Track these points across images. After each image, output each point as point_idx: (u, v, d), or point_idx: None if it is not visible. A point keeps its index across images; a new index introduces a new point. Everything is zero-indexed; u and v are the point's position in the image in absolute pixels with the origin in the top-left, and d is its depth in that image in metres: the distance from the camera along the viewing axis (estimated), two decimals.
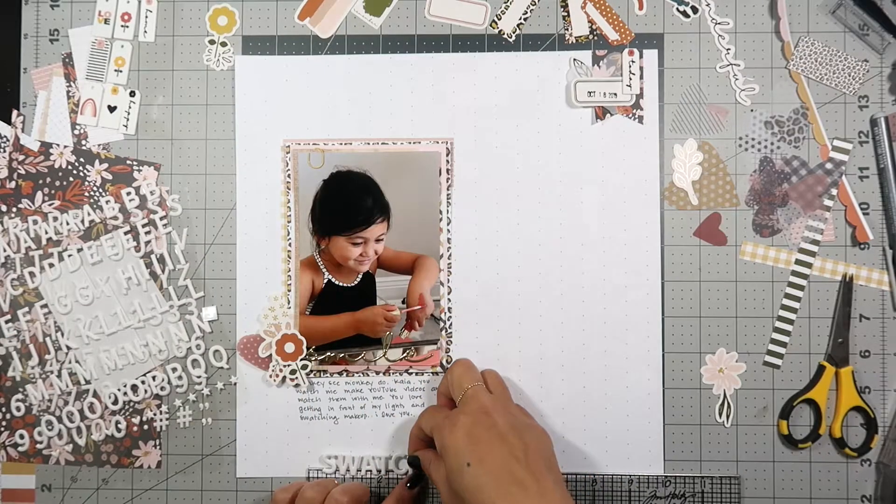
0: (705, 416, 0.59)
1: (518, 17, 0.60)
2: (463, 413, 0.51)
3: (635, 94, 0.60)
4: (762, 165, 0.60)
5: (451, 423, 0.50)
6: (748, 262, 0.60)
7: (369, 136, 0.60)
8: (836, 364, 0.59)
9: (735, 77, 0.60)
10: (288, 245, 0.60)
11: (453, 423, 0.50)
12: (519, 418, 0.51)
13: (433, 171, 0.60)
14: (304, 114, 0.60)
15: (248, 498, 0.60)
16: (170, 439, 0.60)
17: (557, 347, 0.60)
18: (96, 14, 0.61)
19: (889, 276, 0.59)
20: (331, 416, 0.60)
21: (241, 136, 0.60)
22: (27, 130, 0.61)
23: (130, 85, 0.61)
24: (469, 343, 0.60)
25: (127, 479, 0.60)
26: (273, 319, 0.60)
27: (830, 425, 0.59)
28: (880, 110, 0.60)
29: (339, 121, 0.60)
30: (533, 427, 0.52)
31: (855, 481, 0.59)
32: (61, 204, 0.60)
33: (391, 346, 0.60)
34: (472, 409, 0.51)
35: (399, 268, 0.60)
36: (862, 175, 0.60)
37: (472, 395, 0.53)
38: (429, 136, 0.60)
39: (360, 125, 0.60)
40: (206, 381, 0.60)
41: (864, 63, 0.59)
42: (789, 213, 0.60)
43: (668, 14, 0.60)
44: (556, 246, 0.60)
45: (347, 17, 0.61)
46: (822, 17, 0.60)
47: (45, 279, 0.60)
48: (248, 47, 0.61)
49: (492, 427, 0.49)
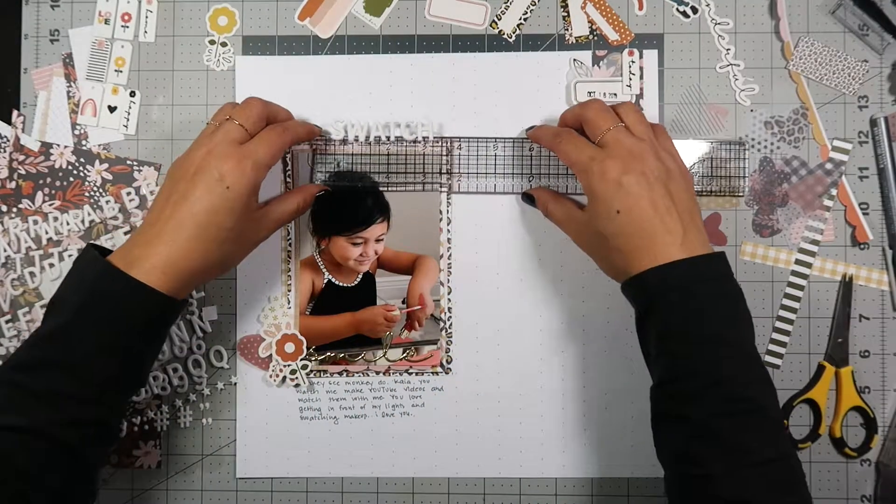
0: None
1: (518, 17, 0.60)
2: (610, 158, 0.49)
3: (635, 94, 0.60)
4: (762, 165, 0.60)
5: (600, 170, 0.49)
6: (748, 262, 0.60)
7: (369, 135, 0.60)
8: (835, 364, 0.59)
9: (735, 77, 0.60)
10: (288, 245, 0.60)
11: (603, 170, 0.49)
12: (665, 164, 0.50)
13: (433, 171, 0.60)
14: (304, 114, 0.60)
15: (248, 498, 0.60)
16: (170, 439, 0.60)
17: (558, 348, 0.60)
18: (96, 14, 0.61)
19: (889, 276, 0.59)
20: (331, 416, 0.60)
21: None
22: (27, 130, 0.61)
23: (131, 85, 0.61)
24: (469, 343, 0.60)
25: (127, 479, 0.60)
26: (273, 319, 0.60)
27: (830, 425, 0.59)
28: (880, 110, 0.60)
29: (339, 121, 0.60)
30: (678, 173, 0.51)
31: (855, 481, 0.59)
32: (62, 204, 0.60)
33: (391, 346, 0.60)
34: (619, 153, 0.50)
35: (399, 268, 0.60)
36: (862, 175, 0.60)
37: (615, 138, 0.51)
38: (429, 135, 0.60)
39: (361, 125, 0.60)
40: (207, 381, 0.60)
41: (864, 63, 0.59)
42: (789, 213, 0.60)
43: (668, 14, 0.60)
44: (556, 246, 0.60)
45: (347, 18, 0.61)
46: (822, 17, 0.60)
47: (46, 279, 0.60)
48: (248, 47, 0.61)
49: (641, 175, 0.48)
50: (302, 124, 0.56)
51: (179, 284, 0.48)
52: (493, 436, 0.60)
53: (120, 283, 0.47)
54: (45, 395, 0.45)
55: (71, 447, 0.46)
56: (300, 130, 0.55)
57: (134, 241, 0.49)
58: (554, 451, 0.60)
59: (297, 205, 0.55)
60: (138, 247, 0.48)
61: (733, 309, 0.47)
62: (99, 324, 0.47)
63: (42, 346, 0.47)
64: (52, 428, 0.45)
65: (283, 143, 0.52)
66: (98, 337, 0.46)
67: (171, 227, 0.48)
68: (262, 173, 0.50)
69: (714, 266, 0.47)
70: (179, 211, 0.48)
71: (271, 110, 0.54)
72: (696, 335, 0.46)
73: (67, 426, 0.46)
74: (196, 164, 0.49)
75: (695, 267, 0.47)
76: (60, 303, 0.48)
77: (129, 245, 0.49)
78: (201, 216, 0.48)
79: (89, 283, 0.47)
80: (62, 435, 0.46)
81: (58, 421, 0.45)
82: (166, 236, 0.48)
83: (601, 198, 0.49)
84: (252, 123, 0.51)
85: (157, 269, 0.47)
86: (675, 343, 0.47)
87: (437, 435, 0.60)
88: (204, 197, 0.48)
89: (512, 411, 0.60)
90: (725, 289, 0.48)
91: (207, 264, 0.49)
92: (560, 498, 0.60)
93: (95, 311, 0.47)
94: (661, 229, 0.47)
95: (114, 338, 0.47)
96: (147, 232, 0.49)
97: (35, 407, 0.45)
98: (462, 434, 0.60)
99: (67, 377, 0.46)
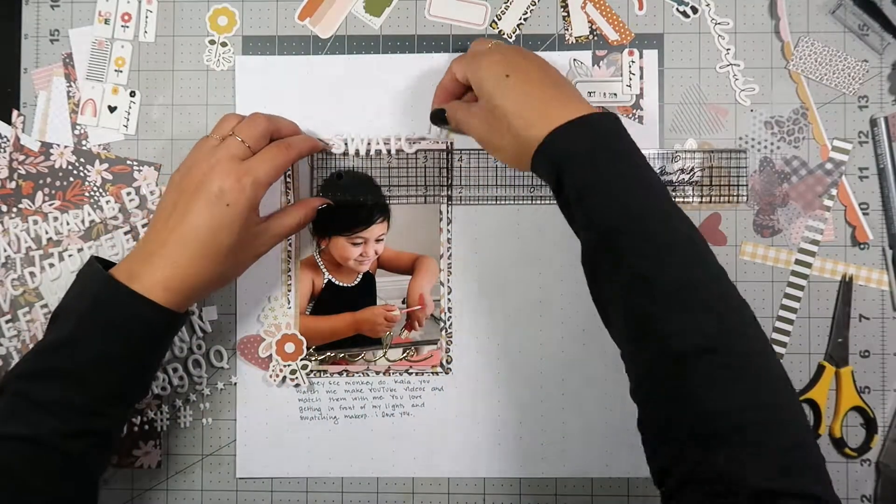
0: None
1: (518, 17, 0.60)
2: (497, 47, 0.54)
3: (635, 94, 0.60)
4: (762, 165, 0.60)
5: (487, 51, 0.53)
6: (748, 262, 0.60)
7: (369, 135, 0.60)
8: (835, 364, 0.59)
9: (735, 77, 0.60)
10: (288, 245, 0.60)
11: (490, 50, 0.53)
12: None
13: (433, 171, 0.60)
14: (305, 114, 0.60)
15: (248, 498, 0.60)
16: (170, 439, 0.60)
17: (558, 347, 0.60)
18: (96, 14, 0.61)
19: (889, 276, 0.59)
20: (331, 416, 0.60)
21: None
22: (27, 130, 0.61)
23: (131, 85, 0.61)
24: (469, 343, 0.60)
25: (127, 479, 0.60)
26: (273, 319, 0.60)
27: (830, 425, 0.59)
28: (880, 110, 0.60)
29: (339, 121, 0.60)
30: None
31: (855, 481, 0.59)
32: (62, 204, 0.60)
33: (391, 346, 0.60)
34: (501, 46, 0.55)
35: (399, 268, 0.60)
36: (862, 175, 0.60)
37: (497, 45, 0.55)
38: (429, 135, 0.60)
39: (360, 125, 0.60)
40: (207, 381, 0.60)
41: (864, 63, 0.59)
42: (789, 213, 0.60)
43: (668, 14, 0.60)
44: (556, 245, 0.60)
45: (347, 17, 0.61)
46: (822, 17, 0.60)
47: (46, 279, 0.60)
48: (248, 47, 0.61)
49: (524, 53, 0.53)
50: (305, 139, 0.56)
51: (181, 298, 0.49)
52: (493, 436, 0.60)
53: (122, 296, 0.47)
54: (50, 405, 0.46)
55: (74, 457, 0.46)
56: (303, 147, 0.55)
57: (135, 255, 0.50)
58: (554, 451, 0.60)
59: (298, 219, 0.55)
60: (139, 262, 0.49)
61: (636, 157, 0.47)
62: (103, 335, 0.47)
63: (47, 355, 0.47)
64: (56, 439, 0.45)
65: (286, 161, 0.52)
66: (102, 347, 0.47)
67: (173, 243, 0.49)
68: (261, 191, 0.51)
69: (609, 121, 0.48)
70: (181, 227, 0.49)
71: (276, 126, 0.54)
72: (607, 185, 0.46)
73: (72, 437, 0.46)
74: (197, 180, 0.50)
75: (597, 121, 0.48)
76: (64, 313, 0.48)
77: (131, 259, 0.50)
78: (202, 233, 0.49)
79: (92, 296, 0.48)
80: (66, 446, 0.46)
81: (62, 432, 0.46)
82: (167, 252, 0.48)
83: (489, 69, 0.51)
84: (255, 140, 0.52)
85: (158, 284, 0.48)
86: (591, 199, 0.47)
87: (437, 435, 0.60)
88: (204, 214, 0.49)
89: (512, 411, 0.60)
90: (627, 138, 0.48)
91: (208, 279, 0.50)
92: (560, 498, 0.60)
93: (99, 323, 0.47)
94: (553, 92, 0.49)
95: (117, 349, 0.47)
96: (148, 246, 0.49)
97: (40, 417, 0.45)
98: (462, 434, 0.60)
99: (72, 388, 0.46)
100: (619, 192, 0.45)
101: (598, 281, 0.47)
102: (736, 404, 0.40)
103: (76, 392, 0.46)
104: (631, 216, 0.45)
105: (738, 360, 0.41)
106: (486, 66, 0.51)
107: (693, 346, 0.41)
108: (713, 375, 0.40)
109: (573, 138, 0.47)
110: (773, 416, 0.40)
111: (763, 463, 0.38)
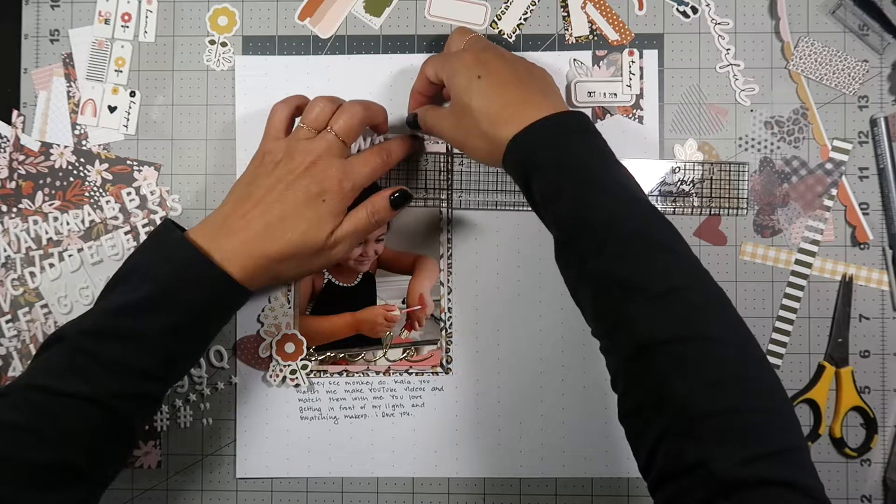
0: None
1: (518, 17, 0.60)
2: (470, 45, 0.54)
3: (635, 94, 0.60)
4: (762, 166, 0.60)
5: (458, 52, 0.54)
6: (748, 262, 0.60)
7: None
8: (835, 364, 0.59)
9: (735, 77, 0.60)
10: None
11: (462, 51, 0.54)
12: None
13: (433, 171, 0.60)
14: None
15: (248, 498, 0.60)
16: (170, 439, 0.60)
17: (558, 348, 0.60)
18: (96, 14, 0.61)
19: (889, 276, 0.59)
20: (331, 416, 0.60)
21: (241, 136, 0.60)
22: (27, 130, 0.61)
23: (131, 85, 0.61)
24: (469, 343, 0.60)
25: (127, 479, 0.60)
26: (273, 319, 0.60)
27: (830, 425, 0.59)
28: (880, 110, 0.60)
29: None
30: None
31: (855, 481, 0.59)
32: (62, 204, 0.60)
33: (391, 346, 0.60)
34: (476, 44, 0.54)
35: (399, 268, 0.60)
36: (862, 175, 0.60)
37: (470, 42, 0.55)
38: (429, 135, 0.59)
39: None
40: (207, 381, 0.60)
41: (864, 63, 0.59)
42: (789, 214, 0.60)
43: (668, 14, 0.60)
44: None
45: (347, 17, 0.61)
46: (822, 17, 0.60)
47: (46, 279, 0.60)
48: (248, 47, 0.61)
49: (498, 52, 0.53)
50: (401, 145, 0.56)
51: (255, 277, 0.50)
52: (493, 436, 0.60)
53: (205, 270, 0.48)
54: (112, 365, 0.46)
55: (124, 417, 0.47)
56: (402, 154, 0.56)
57: (214, 226, 0.50)
58: (554, 451, 0.60)
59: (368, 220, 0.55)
60: (221, 233, 0.50)
61: (603, 156, 0.48)
62: (180, 305, 0.48)
63: (116, 316, 0.47)
64: (112, 399, 0.46)
65: (384, 170, 0.54)
66: (175, 317, 0.47)
67: (259, 225, 0.50)
68: (357, 194, 0.52)
69: (577, 119, 0.48)
70: (271, 212, 0.50)
71: (370, 114, 0.54)
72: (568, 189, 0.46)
73: (127, 398, 0.47)
74: (298, 173, 0.51)
75: (562, 123, 0.48)
76: (138, 276, 0.48)
77: (208, 229, 0.50)
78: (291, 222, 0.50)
79: (176, 264, 0.48)
80: (121, 406, 0.46)
81: (118, 392, 0.46)
82: (251, 232, 0.50)
83: (461, 69, 0.51)
84: (353, 134, 0.52)
85: (236, 260, 0.49)
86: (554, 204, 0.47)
87: (437, 435, 0.60)
88: (300, 206, 0.50)
89: (512, 411, 0.60)
90: (593, 139, 0.48)
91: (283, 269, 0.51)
92: (560, 498, 0.60)
93: (178, 293, 0.48)
94: (523, 93, 0.49)
95: (188, 319, 0.48)
96: (230, 221, 0.50)
97: (100, 376, 0.46)
98: (462, 434, 0.60)
99: (137, 351, 0.47)
100: (579, 196, 0.46)
101: (570, 280, 0.48)
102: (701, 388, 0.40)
103: (140, 356, 0.47)
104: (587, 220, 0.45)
105: (705, 345, 0.41)
106: (458, 68, 0.51)
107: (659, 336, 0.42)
108: (678, 363, 0.41)
109: (536, 141, 0.48)
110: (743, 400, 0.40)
111: (730, 450, 0.38)
